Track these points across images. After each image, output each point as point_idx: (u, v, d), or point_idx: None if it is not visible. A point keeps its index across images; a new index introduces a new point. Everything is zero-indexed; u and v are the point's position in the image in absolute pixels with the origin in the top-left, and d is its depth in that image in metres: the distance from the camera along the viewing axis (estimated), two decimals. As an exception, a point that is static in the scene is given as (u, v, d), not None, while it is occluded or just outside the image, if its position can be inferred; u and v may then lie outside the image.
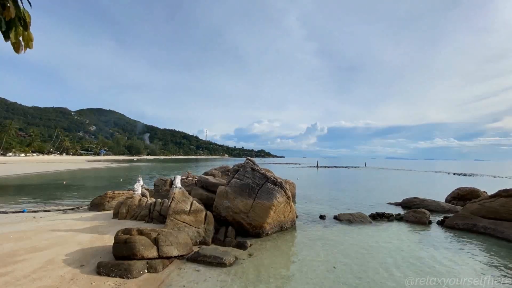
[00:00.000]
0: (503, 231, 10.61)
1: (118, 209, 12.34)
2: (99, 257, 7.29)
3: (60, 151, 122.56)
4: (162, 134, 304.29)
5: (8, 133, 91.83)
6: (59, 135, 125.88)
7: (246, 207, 10.56)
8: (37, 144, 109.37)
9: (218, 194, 11.31)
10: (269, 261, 7.92)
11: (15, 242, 8.31)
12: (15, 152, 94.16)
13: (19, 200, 18.15)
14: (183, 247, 7.84)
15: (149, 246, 7.10)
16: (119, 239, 7.19)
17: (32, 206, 15.87)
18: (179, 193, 10.51)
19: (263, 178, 11.71)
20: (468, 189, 18.09)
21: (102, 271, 6.46)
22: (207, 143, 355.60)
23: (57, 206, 15.98)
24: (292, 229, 11.51)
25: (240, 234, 10.34)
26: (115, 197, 14.91)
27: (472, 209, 12.47)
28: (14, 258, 7.01)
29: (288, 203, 11.64)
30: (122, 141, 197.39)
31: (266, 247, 9.23)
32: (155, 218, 11.47)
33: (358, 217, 13.40)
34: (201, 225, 9.74)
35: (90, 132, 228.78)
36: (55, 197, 19.65)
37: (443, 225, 12.63)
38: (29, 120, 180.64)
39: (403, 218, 13.76)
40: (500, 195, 11.98)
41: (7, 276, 6.03)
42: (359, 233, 11.16)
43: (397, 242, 10.08)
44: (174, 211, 9.63)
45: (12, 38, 2.34)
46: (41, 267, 6.55)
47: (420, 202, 17.02)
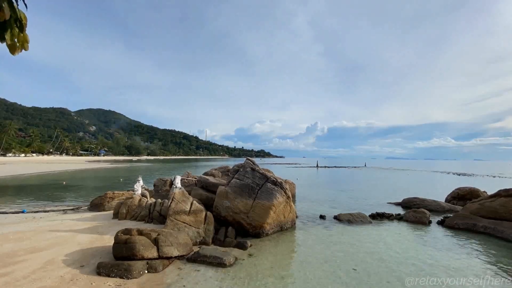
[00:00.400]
0: (503, 231, 10.60)
1: (118, 210, 12.33)
2: (99, 257, 7.29)
3: (60, 152, 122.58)
4: (162, 135, 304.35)
5: (8, 133, 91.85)
6: (59, 135, 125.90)
7: (246, 207, 10.55)
8: (37, 145, 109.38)
9: (218, 194, 11.30)
10: (269, 261, 7.92)
11: (15, 242, 8.31)
12: (15, 152, 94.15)
13: (19, 200, 18.15)
14: (183, 247, 7.84)
15: (149, 247, 7.10)
16: (119, 239, 7.19)
17: (32, 206, 15.87)
18: (179, 193, 10.51)
19: (263, 178, 11.70)
20: (468, 189, 18.08)
21: (102, 271, 6.46)
22: (207, 143, 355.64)
23: (57, 206, 15.98)
24: (292, 229, 11.51)
25: (240, 234, 10.33)
26: (115, 197, 14.91)
27: (472, 209, 12.46)
28: (14, 259, 7.01)
29: (288, 203, 11.63)
30: (122, 141, 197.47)
31: (266, 247, 9.23)
32: (155, 219, 11.46)
33: (358, 217, 13.40)
34: (201, 225, 9.74)
35: (90, 132, 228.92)
36: (55, 198, 19.65)
37: (443, 225, 12.63)
38: (29, 120, 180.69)
39: (403, 218, 13.75)
40: (500, 195, 11.98)
41: (7, 276, 6.03)
42: (359, 233, 11.16)
43: (397, 242, 10.08)
44: (174, 212, 9.63)
45: (8, 40, 2.32)
46: (41, 268, 6.54)
47: (420, 202, 17.01)
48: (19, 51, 2.50)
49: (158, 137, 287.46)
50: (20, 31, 2.42)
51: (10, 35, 2.33)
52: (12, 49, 2.43)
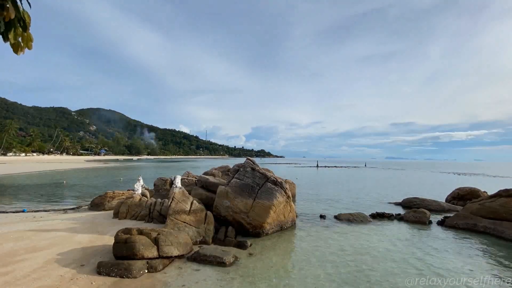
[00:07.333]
0: (503, 231, 10.61)
1: (118, 209, 12.34)
2: (99, 256, 7.30)
3: (60, 151, 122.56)
4: (162, 134, 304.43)
5: (8, 133, 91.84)
6: (59, 135, 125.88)
7: (246, 207, 10.56)
8: (38, 144, 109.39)
9: (218, 194, 11.31)
10: (269, 261, 7.93)
11: (15, 242, 8.32)
12: (15, 152, 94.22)
13: (19, 200, 18.17)
14: (183, 246, 7.85)
15: (149, 246, 7.11)
16: (119, 239, 7.19)
17: (32, 206, 15.89)
18: (179, 193, 10.52)
19: (263, 178, 11.71)
20: (468, 189, 18.09)
21: (102, 270, 6.47)
22: (207, 143, 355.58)
23: (57, 206, 16.01)
24: (292, 229, 11.52)
25: (240, 234, 10.34)
26: (115, 197, 14.92)
27: (472, 209, 12.46)
28: (14, 258, 7.02)
29: (288, 203, 11.64)
30: (122, 140, 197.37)
31: (266, 246, 9.24)
32: (155, 218, 11.48)
33: (358, 217, 13.41)
34: (201, 225, 9.75)
35: (90, 132, 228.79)
36: (55, 197, 19.67)
37: (443, 225, 12.63)
38: (29, 120, 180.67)
39: (403, 218, 13.75)
40: (500, 195, 11.98)
41: (7, 275, 6.04)
42: (359, 233, 11.16)
43: (397, 242, 10.08)
44: (174, 211, 9.64)
45: (11, 39, 2.33)
46: (41, 267, 6.56)
47: (420, 202, 17.01)
48: (23, 50, 2.51)
49: (158, 136, 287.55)
50: (23, 30, 2.42)
51: (14, 34, 2.34)
52: (16, 48, 2.44)
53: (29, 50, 2.54)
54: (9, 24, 2.29)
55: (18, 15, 2.32)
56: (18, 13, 2.32)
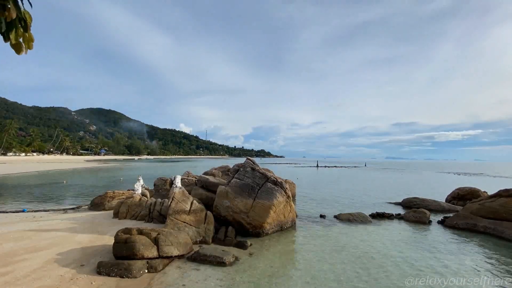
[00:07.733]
0: (503, 231, 10.61)
1: (118, 209, 12.34)
2: (99, 256, 7.30)
3: (60, 151, 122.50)
4: (162, 134, 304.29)
5: (8, 132, 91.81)
6: (59, 134, 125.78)
7: (246, 207, 10.56)
8: (38, 144, 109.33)
9: (218, 194, 11.31)
10: (269, 261, 7.93)
11: (15, 241, 8.32)
12: (15, 151, 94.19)
13: (19, 199, 18.16)
14: (183, 246, 7.85)
15: (149, 246, 7.11)
16: (119, 238, 7.20)
17: (32, 205, 15.88)
18: (179, 193, 10.52)
19: (263, 178, 11.71)
20: (468, 189, 18.09)
21: (102, 270, 6.47)
22: (207, 143, 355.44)
23: (57, 205, 16.01)
24: (292, 229, 11.52)
25: (240, 234, 10.34)
26: (115, 196, 14.92)
27: (472, 209, 12.47)
28: (14, 258, 7.02)
29: (288, 203, 11.64)
30: (122, 140, 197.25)
31: (266, 246, 9.24)
32: (155, 218, 11.48)
33: (358, 217, 13.41)
34: (201, 225, 9.75)
35: (90, 132, 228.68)
36: (55, 197, 19.66)
37: (443, 224, 12.64)
38: (29, 120, 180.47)
39: (404, 217, 13.77)
40: (500, 195, 11.99)
41: (7, 275, 6.04)
42: (359, 233, 11.16)
43: (397, 241, 10.08)
44: (174, 211, 9.64)
45: (12, 39, 2.32)
46: (41, 267, 6.56)
47: (420, 202, 17.01)
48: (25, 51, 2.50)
49: (158, 136, 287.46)
50: (24, 30, 2.41)
51: (15, 35, 2.33)
52: (17, 48, 2.43)
53: (30, 50, 2.53)
54: (10, 24, 2.28)
55: (19, 15, 2.31)
56: (19, 13, 2.31)
